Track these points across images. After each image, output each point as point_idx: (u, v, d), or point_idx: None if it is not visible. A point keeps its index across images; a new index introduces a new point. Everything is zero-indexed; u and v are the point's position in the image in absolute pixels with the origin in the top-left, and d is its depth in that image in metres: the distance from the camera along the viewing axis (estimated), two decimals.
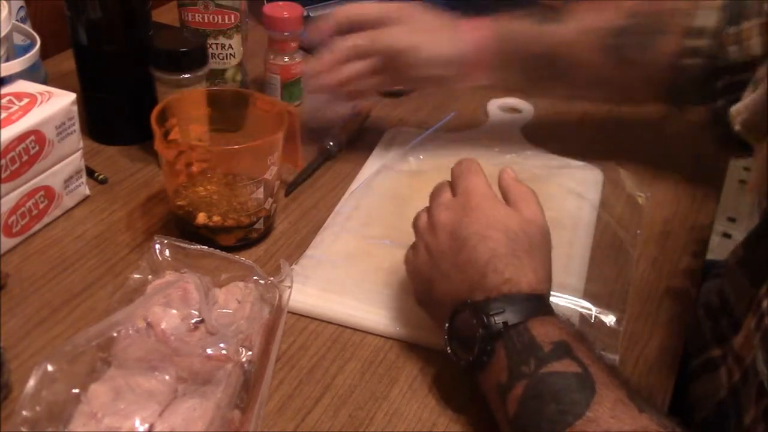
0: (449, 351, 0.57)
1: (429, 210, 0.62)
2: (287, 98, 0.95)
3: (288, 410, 0.58)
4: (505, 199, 0.61)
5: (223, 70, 0.89)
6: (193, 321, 0.58)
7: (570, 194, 0.81)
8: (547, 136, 0.94)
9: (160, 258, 0.63)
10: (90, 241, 0.73)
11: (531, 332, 0.53)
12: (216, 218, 0.71)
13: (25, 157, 0.68)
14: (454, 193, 0.62)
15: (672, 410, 0.62)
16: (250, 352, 0.56)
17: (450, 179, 0.64)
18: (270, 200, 0.72)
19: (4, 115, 0.67)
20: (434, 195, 0.63)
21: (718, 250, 1.93)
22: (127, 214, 0.76)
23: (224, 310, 0.60)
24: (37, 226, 0.73)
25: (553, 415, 0.49)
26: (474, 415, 0.58)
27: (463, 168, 0.62)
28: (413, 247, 0.62)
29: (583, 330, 0.64)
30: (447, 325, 0.57)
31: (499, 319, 0.53)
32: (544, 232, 0.60)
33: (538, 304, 0.55)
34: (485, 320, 0.53)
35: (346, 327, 0.65)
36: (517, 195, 0.61)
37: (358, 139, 0.91)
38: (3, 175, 0.66)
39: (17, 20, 0.85)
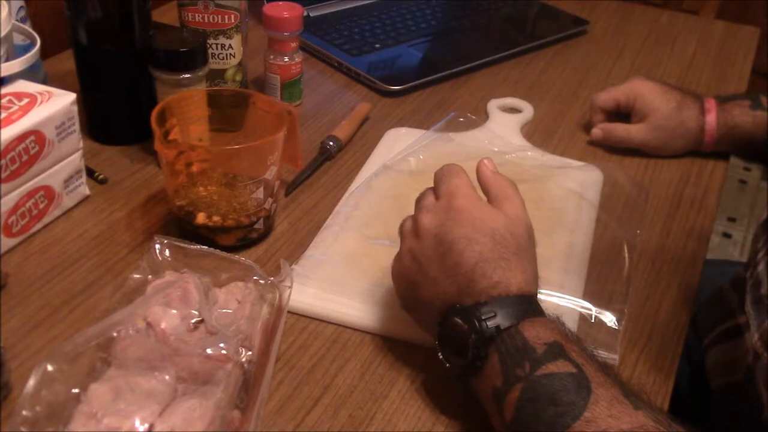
0: (441, 357, 0.57)
1: (413, 215, 0.61)
2: (287, 98, 0.95)
3: (288, 410, 0.58)
4: (486, 194, 0.60)
5: (223, 70, 0.89)
6: (193, 321, 0.58)
7: (570, 194, 0.81)
8: (547, 136, 0.94)
9: (160, 258, 0.63)
10: (90, 241, 0.73)
11: (523, 334, 0.53)
12: (216, 218, 0.71)
13: (25, 157, 0.68)
14: (437, 197, 0.61)
15: (679, 384, 0.63)
16: (250, 352, 0.56)
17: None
18: (270, 200, 0.72)
19: (4, 115, 0.67)
20: (418, 200, 0.62)
21: (718, 250, 1.94)
22: (127, 214, 0.76)
23: (224, 310, 0.60)
24: (37, 226, 0.73)
25: (551, 417, 0.49)
26: (474, 415, 0.58)
27: (445, 171, 0.61)
28: (397, 254, 0.62)
29: (573, 329, 0.64)
30: (437, 330, 0.57)
31: (491, 324, 0.53)
32: (529, 229, 0.59)
33: (528, 305, 0.55)
34: (477, 325, 0.53)
35: (346, 327, 0.65)
36: (498, 191, 0.60)
37: (358, 139, 0.91)
38: (3, 175, 0.66)
39: (17, 20, 0.85)
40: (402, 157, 0.85)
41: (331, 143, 0.87)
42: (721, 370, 0.73)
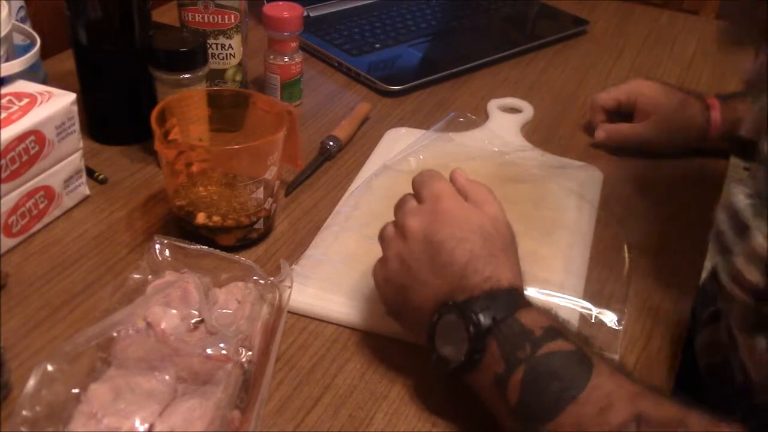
0: (435, 358, 0.57)
1: (396, 220, 0.61)
2: (287, 98, 0.95)
3: (288, 410, 0.58)
4: (465, 199, 0.61)
5: (223, 70, 0.89)
6: (193, 321, 0.58)
7: (570, 194, 0.81)
8: (547, 136, 0.94)
9: (160, 258, 0.63)
10: (90, 241, 0.73)
11: (520, 321, 0.53)
12: (216, 218, 0.71)
13: (25, 157, 0.68)
14: (420, 201, 0.61)
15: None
16: (250, 352, 0.56)
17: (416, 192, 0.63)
18: (270, 200, 0.72)
19: (4, 115, 0.67)
20: (398, 206, 0.62)
21: None
22: (127, 214, 0.76)
23: (224, 310, 0.60)
24: (37, 226, 0.73)
25: (555, 392, 0.50)
26: (474, 415, 0.58)
27: (425, 176, 0.62)
28: (381, 260, 0.61)
29: (573, 329, 0.64)
30: (429, 331, 0.57)
31: (486, 315, 0.53)
32: (510, 229, 0.60)
33: (520, 297, 0.56)
34: (474, 317, 0.53)
35: (346, 327, 0.65)
36: (476, 195, 0.60)
37: (358, 139, 0.91)
38: (3, 175, 0.66)
39: (17, 20, 0.85)
40: (402, 157, 0.85)
41: (331, 143, 0.87)
42: (706, 351, 0.74)
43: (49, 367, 0.51)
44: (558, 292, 0.68)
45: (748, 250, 0.56)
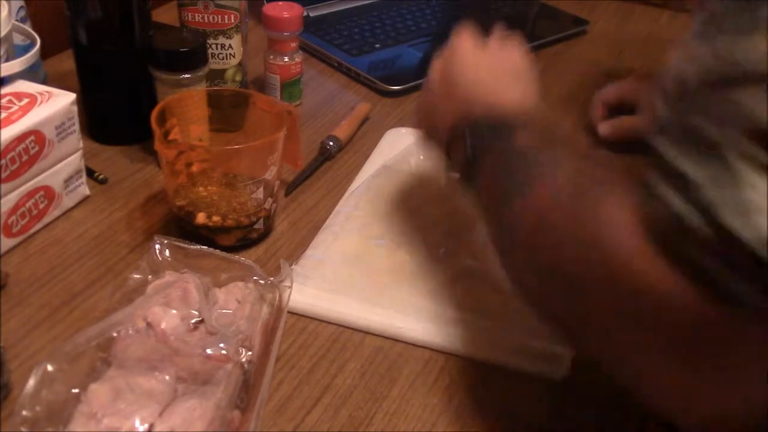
0: (450, 173, 0.64)
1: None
2: (287, 98, 0.95)
3: (288, 410, 0.58)
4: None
5: (223, 70, 0.89)
6: (193, 321, 0.58)
7: None
8: None
9: (160, 258, 0.63)
10: (90, 241, 0.73)
11: (515, 143, 0.58)
12: (216, 218, 0.71)
13: (25, 157, 0.68)
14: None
15: None
16: (250, 352, 0.56)
17: None
18: (270, 200, 0.72)
19: (4, 115, 0.67)
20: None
21: None
22: (127, 214, 0.76)
23: (224, 310, 0.60)
24: (37, 226, 0.73)
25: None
26: (474, 415, 0.58)
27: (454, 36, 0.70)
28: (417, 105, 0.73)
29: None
30: (446, 151, 0.65)
31: (480, 137, 0.60)
32: (529, 66, 0.68)
33: (520, 119, 0.60)
34: (470, 140, 0.60)
35: (346, 327, 0.65)
36: (500, 45, 0.69)
37: (358, 139, 0.91)
38: (3, 175, 0.66)
39: (17, 20, 0.85)
40: (402, 157, 0.85)
41: (331, 143, 0.87)
42: None
43: (49, 367, 0.51)
44: None
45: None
